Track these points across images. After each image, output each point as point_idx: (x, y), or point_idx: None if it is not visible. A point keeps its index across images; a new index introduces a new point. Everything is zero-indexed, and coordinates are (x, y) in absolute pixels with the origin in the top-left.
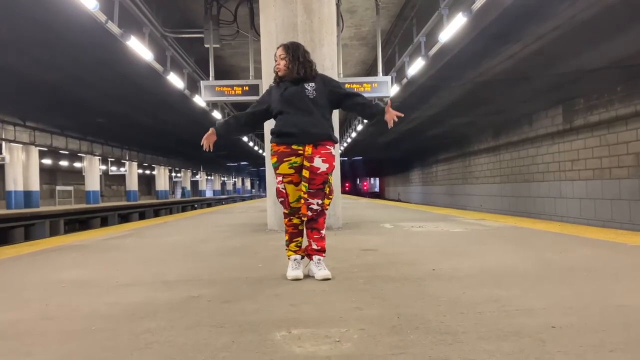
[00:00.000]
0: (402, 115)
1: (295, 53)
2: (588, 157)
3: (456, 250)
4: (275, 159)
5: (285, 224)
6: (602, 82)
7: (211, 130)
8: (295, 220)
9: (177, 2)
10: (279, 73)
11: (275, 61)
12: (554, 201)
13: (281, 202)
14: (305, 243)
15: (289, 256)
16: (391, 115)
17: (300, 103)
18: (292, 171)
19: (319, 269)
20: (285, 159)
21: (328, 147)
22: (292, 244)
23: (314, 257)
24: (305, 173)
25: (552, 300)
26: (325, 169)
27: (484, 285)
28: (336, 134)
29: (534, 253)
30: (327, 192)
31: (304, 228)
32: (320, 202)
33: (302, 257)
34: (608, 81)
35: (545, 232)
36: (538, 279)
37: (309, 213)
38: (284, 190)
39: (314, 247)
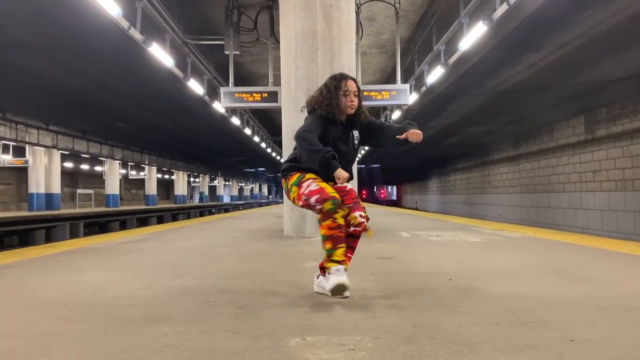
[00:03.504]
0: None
1: (360, 91)
2: (610, 168)
3: (474, 261)
4: (298, 174)
5: (327, 230)
6: (626, 92)
7: (340, 171)
8: (340, 220)
9: (199, 9)
10: (352, 112)
11: (346, 95)
12: (575, 212)
13: (318, 200)
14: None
15: (328, 267)
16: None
17: (347, 153)
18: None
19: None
20: (314, 175)
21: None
22: (339, 250)
23: (329, 270)
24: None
25: (571, 313)
26: (351, 187)
27: (501, 296)
28: None
29: (553, 264)
30: (362, 205)
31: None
32: (363, 213)
33: (346, 270)
34: (631, 91)
35: (565, 244)
36: (556, 291)
37: (351, 229)
38: (317, 187)
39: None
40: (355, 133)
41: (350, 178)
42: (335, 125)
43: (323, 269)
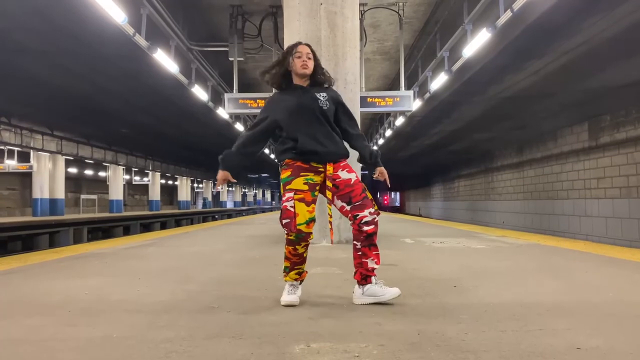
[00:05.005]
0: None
1: (317, 55)
2: (614, 175)
3: (478, 267)
4: (289, 173)
5: (287, 252)
6: (629, 99)
7: (220, 173)
8: (301, 250)
9: (203, 16)
10: (306, 71)
11: (299, 57)
12: (579, 219)
13: (285, 225)
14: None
15: (285, 280)
16: (383, 174)
17: (314, 115)
18: (306, 187)
19: (383, 287)
20: (302, 174)
21: (343, 162)
22: (293, 272)
23: (372, 278)
24: (329, 194)
25: (577, 321)
26: (356, 178)
27: (506, 303)
28: None
29: (558, 271)
30: (371, 199)
31: (357, 251)
32: (372, 210)
33: (300, 283)
34: (635, 98)
35: (569, 251)
36: (561, 298)
37: (366, 229)
38: (292, 209)
39: (373, 265)
40: (323, 94)
41: (336, 146)
42: (293, 94)
43: (365, 279)
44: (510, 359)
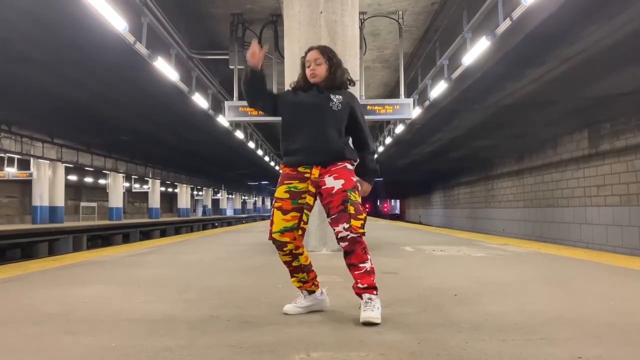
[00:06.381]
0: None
1: (334, 56)
2: (615, 183)
3: (479, 276)
4: (279, 180)
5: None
6: (629, 107)
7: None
8: (284, 258)
9: (204, 24)
10: (315, 80)
11: (308, 67)
12: (579, 227)
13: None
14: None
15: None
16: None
17: (316, 113)
18: (286, 196)
19: (365, 309)
20: (285, 182)
21: (339, 164)
22: (294, 279)
23: (363, 295)
24: (310, 200)
25: (578, 330)
26: (341, 186)
27: (507, 312)
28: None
29: (559, 280)
30: (353, 212)
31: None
32: (346, 225)
33: (311, 293)
34: (635, 106)
35: (570, 259)
36: (562, 306)
37: (341, 244)
38: (270, 219)
39: (360, 285)
40: (337, 96)
41: (330, 140)
42: (307, 92)
43: (359, 295)
44: None
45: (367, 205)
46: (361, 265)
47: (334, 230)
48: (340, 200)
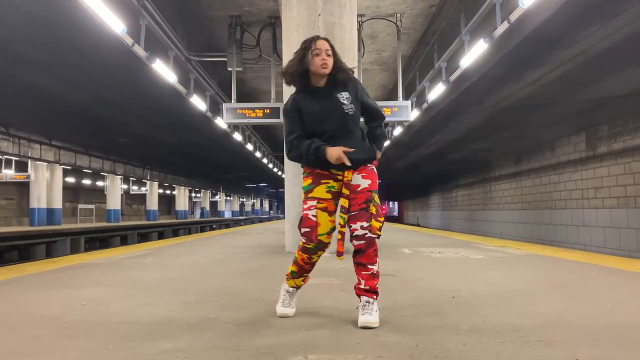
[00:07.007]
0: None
1: (335, 50)
2: (612, 185)
3: (477, 278)
4: (310, 180)
5: (300, 260)
6: (627, 109)
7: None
8: (316, 259)
9: (202, 27)
10: (326, 71)
11: (318, 55)
12: (577, 229)
13: (304, 234)
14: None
15: (288, 285)
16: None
17: (338, 122)
18: (329, 196)
19: (363, 312)
20: (322, 181)
21: (369, 165)
22: (300, 279)
23: (361, 297)
24: (345, 202)
25: (576, 332)
26: (367, 185)
27: (505, 314)
28: None
29: (557, 282)
30: (374, 213)
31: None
32: (365, 224)
33: (297, 289)
34: (633, 108)
35: (568, 261)
36: (560, 308)
37: (356, 243)
38: (314, 219)
39: (362, 286)
40: (345, 94)
41: (351, 143)
42: (314, 97)
43: (359, 296)
44: None
45: (384, 208)
46: (370, 266)
47: (350, 227)
48: (364, 199)
